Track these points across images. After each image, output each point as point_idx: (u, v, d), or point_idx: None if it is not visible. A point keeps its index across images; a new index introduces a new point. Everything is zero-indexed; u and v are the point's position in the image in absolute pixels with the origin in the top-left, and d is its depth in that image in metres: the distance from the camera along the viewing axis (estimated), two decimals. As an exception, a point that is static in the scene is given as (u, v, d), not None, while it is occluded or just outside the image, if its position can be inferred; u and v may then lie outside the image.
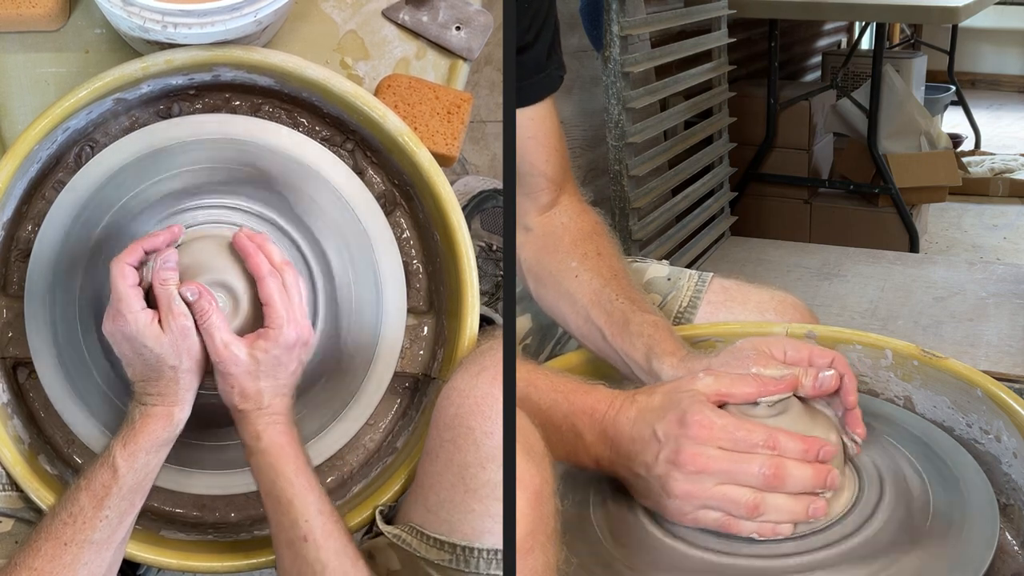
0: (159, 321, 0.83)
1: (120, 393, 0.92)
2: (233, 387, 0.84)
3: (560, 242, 1.07)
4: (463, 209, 0.97)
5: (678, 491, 0.76)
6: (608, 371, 0.99)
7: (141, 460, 0.83)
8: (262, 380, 0.85)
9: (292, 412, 0.87)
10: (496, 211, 1.29)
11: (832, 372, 0.81)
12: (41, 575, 0.80)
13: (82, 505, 0.82)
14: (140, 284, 0.83)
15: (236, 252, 0.88)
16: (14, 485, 0.91)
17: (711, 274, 1.13)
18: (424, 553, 0.83)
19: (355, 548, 0.84)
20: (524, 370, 0.85)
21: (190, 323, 0.83)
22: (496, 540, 0.79)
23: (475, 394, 0.79)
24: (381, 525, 0.87)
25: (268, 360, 0.84)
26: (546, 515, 0.64)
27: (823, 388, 0.81)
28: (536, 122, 1.04)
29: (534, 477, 0.65)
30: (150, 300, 0.84)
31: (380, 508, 0.90)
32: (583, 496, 0.85)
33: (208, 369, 0.85)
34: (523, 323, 1.16)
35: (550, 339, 1.19)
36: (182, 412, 0.84)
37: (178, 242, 0.87)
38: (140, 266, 0.84)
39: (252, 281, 0.87)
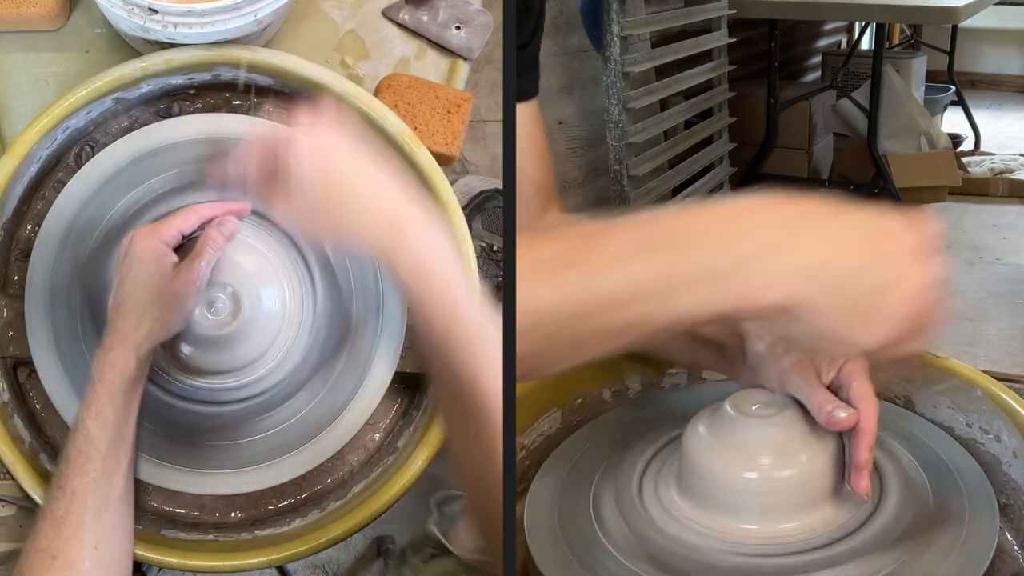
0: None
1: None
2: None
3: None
4: (463, 209, 0.97)
5: None
6: None
7: (108, 415, 0.82)
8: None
9: None
10: (497, 211, 1.28)
11: (846, 415, 0.76)
12: (49, 553, 0.79)
13: (66, 476, 0.81)
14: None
15: (235, 252, 0.88)
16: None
17: None
18: None
19: None
20: None
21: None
22: None
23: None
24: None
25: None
26: None
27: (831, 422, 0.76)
28: (522, 124, 0.97)
29: None
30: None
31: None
32: (583, 493, 0.85)
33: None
34: None
35: None
36: (140, 353, 0.83)
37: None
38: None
39: (251, 281, 0.87)
